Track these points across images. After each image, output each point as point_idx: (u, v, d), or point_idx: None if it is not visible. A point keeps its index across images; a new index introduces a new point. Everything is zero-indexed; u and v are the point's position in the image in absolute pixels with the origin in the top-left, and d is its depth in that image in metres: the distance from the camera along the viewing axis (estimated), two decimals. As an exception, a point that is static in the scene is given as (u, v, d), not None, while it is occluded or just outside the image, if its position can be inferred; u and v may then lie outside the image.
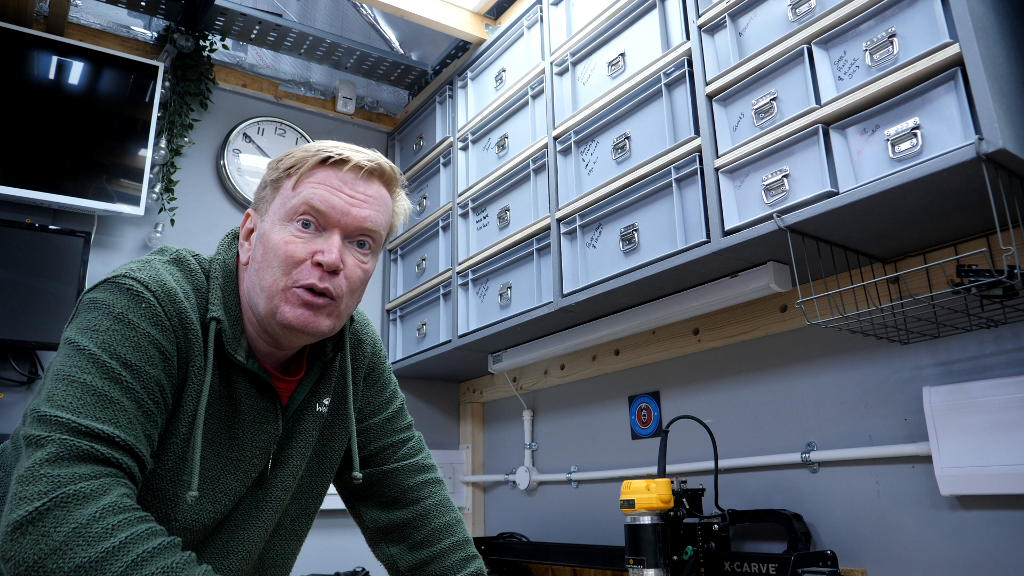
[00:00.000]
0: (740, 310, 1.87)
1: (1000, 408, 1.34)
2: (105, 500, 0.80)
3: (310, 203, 0.99)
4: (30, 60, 2.24)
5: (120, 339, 0.89)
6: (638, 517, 1.59)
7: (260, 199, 1.06)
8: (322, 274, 0.99)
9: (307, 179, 1.01)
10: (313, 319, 0.99)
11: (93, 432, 0.83)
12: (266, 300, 0.99)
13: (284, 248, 0.98)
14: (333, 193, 1.00)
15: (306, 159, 1.02)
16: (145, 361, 0.90)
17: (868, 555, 1.55)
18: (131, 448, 0.86)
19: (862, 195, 1.28)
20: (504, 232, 2.24)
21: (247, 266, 1.05)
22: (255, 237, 1.05)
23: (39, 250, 2.15)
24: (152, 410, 0.90)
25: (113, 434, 0.84)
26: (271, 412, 1.06)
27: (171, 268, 0.99)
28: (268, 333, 1.03)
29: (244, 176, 2.69)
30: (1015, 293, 1.22)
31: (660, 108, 1.76)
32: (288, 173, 1.02)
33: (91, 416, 0.84)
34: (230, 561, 1.04)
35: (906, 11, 1.28)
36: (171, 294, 0.95)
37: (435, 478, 1.29)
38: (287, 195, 1.01)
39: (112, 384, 0.87)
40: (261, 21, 2.62)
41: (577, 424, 2.40)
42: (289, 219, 1.00)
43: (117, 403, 0.86)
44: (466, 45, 2.72)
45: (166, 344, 0.93)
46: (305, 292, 0.98)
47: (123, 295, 0.92)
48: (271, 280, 0.99)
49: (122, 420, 0.86)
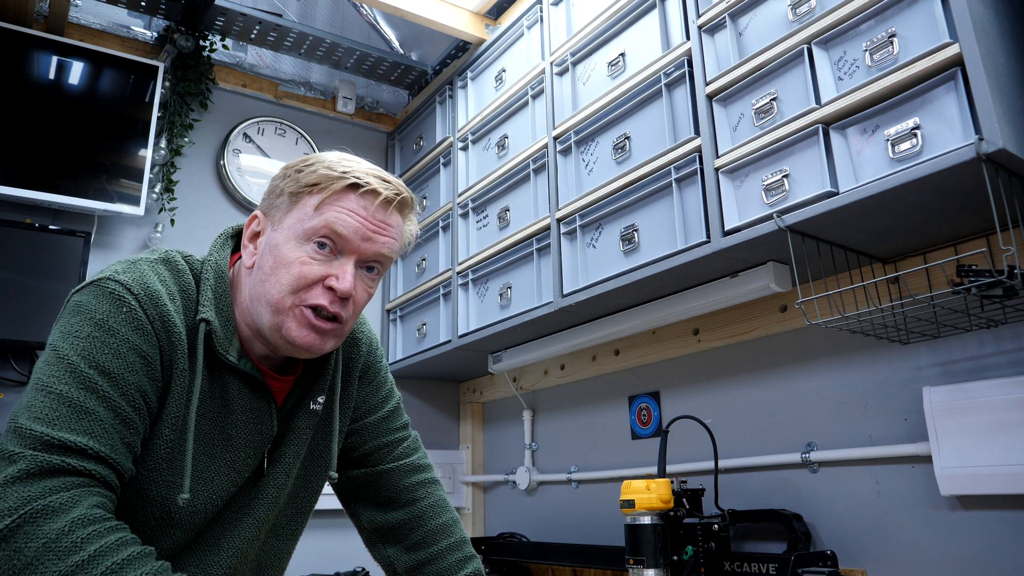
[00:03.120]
0: (740, 310, 1.87)
1: (1000, 408, 1.34)
2: (75, 513, 0.81)
3: (332, 227, 0.99)
4: (30, 60, 2.24)
5: (100, 346, 0.89)
6: (638, 517, 1.59)
7: (273, 206, 1.04)
8: (332, 298, 1.00)
9: (332, 203, 1.00)
10: (319, 341, 1.01)
11: (65, 445, 0.83)
12: (272, 314, 1.00)
13: (298, 268, 0.99)
14: (357, 220, 1.00)
15: (332, 180, 1.00)
16: (125, 368, 0.90)
17: (868, 555, 1.55)
18: (105, 458, 0.86)
19: (862, 195, 1.28)
20: (504, 232, 2.24)
21: (250, 270, 1.04)
22: (263, 244, 1.04)
23: (39, 250, 2.15)
24: (131, 417, 0.90)
25: (86, 445, 0.85)
26: (265, 412, 1.06)
27: (158, 269, 0.99)
28: (266, 340, 1.03)
29: (244, 176, 2.69)
30: (1015, 293, 1.22)
31: (660, 108, 1.76)
32: (311, 190, 1.01)
33: (65, 428, 0.84)
34: (221, 557, 1.04)
35: (906, 11, 1.28)
36: (154, 297, 0.94)
37: (431, 478, 1.29)
38: (307, 213, 1.00)
39: (88, 394, 0.87)
40: (261, 21, 2.62)
41: (577, 424, 2.40)
42: (306, 238, 1.00)
43: (92, 413, 0.86)
44: (466, 45, 2.72)
45: (147, 348, 0.92)
46: (312, 313, 0.99)
47: (105, 299, 0.92)
48: (279, 295, 0.99)
49: (97, 430, 0.86)
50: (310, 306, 0.99)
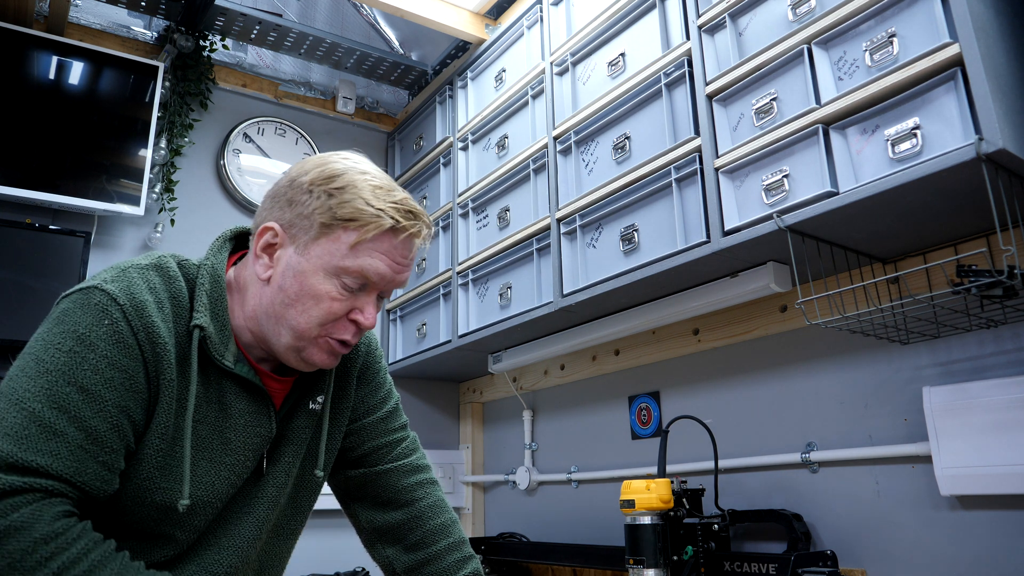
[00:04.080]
0: (740, 310, 1.87)
1: (1000, 408, 1.34)
2: (36, 531, 0.82)
3: (366, 273, 1.02)
4: (30, 60, 2.24)
5: (79, 362, 0.89)
6: (638, 517, 1.59)
7: (297, 226, 1.02)
8: (356, 332, 1.05)
9: (369, 247, 1.01)
10: (334, 362, 1.08)
11: (31, 468, 0.84)
12: (294, 339, 1.02)
13: (328, 304, 1.01)
14: (388, 265, 1.03)
15: (369, 220, 0.99)
16: (103, 385, 0.90)
17: (868, 555, 1.55)
18: (69, 480, 0.87)
19: (862, 195, 1.28)
20: (504, 232, 2.24)
21: (265, 283, 1.04)
22: (284, 263, 1.03)
23: (39, 250, 2.15)
24: (105, 436, 0.90)
25: (49, 467, 0.85)
26: (263, 414, 1.06)
27: (148, 276, 0.98)
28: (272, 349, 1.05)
29: (244, 176, 2.69)
30: (1015, 293, 1.22)
31: (660, 108, 1.76)
32: (345, 226, 1.00)
33: (32, 449, 0.85)
34: (222, 556, 1.04)
35: (906, 11, 1.28)
36: (140, 307, 0.93)
37: (430, 479, 1.29)
38: (341, 251, 1.00)
39: (60, 414, 0.87)
40: (261, 21, 2.62)
41: (577, 424, 2.40)
42: (337, 275, 1.01)
43: (62, 435, 0.86)
44: (466, 45, 2.72)
45: (128, 363, 0.92)
46: (338, 344, 1.05)
47: (89, 311, 0.92)
48: (305, 325, 1.01)
49: (63, 452, 0.86)
50: (337, 340, 1.04)
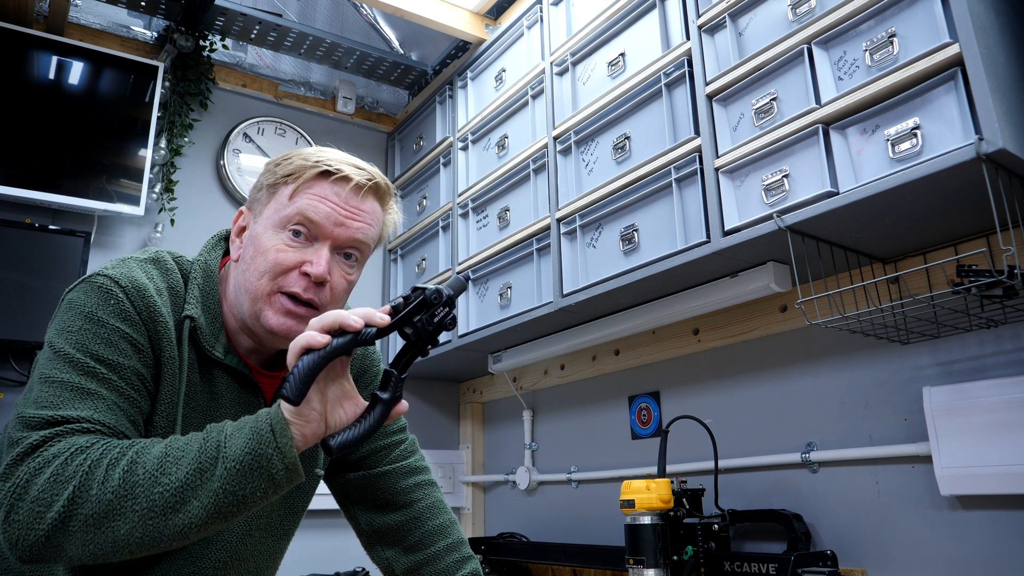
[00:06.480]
0: (740, 310, 1.87)
1: (1000, 408, 1.34)
2: (77, 443, 0.84)
3: (304, 213, 1.01)
4: (30, 60, 2.24)
5: (92, 337, 0.92)
6: (638, 517, 1.59)
7: (255, 200, 1.08)
8: (307, 284, 1.02)
9: (304, 190, 1.03)
10: (296, 327, 1.01)
11: (70, 419, 0.86)
12: (251, 302, 1.02)
13: (274, 255, 1.01)
14: (328, 206, 1.02)
15: (305, 169, 1.03)
16: (118, 354, 0.93)
17: (868, 555, 1.55)
18: (112, 428, 0.88)
19: (862, 195, 1.28)
20: (504, 232, 2.24)
21: (237, 263, 1.07)
22: (247, 236, 1.07)
23: (39, 250, 2.15)
24: (133, 396, 0.93)
25: (91, 417, 0.87)
26: (254, 406, 1.07)
27: (146, 266, 1.02)
28: (251, 332, 1.05)
29: (244, 176, 2.69)
30: (1015, 293, 1.22)
31: (660, 108, 1.76)
32: (286, 180, 1.04)
33: (69, 406, 0.87)
34: (211, 551, 1.04)
35: (906, 11, 1.28)
36: (140, 288, 0.97)
37: (428, 480, 1.29)
38: (282, 202, 1.03)
39: (89, 378, 0.89)
40: (261, 21, 2.62)
41: (577, 424, 2.40)
42: (282, 226, 1.02)
43: (95, 393, 0.89)
44: (466, 45, 2.72)
45: (136, 336, 0.95)
46: (288, 300, 1.01)
47: (94, 293, 0.95)
48: (256, 283, 1.02)
49: (101, 407, 0.89)
50: (287, 293, 1.01)
